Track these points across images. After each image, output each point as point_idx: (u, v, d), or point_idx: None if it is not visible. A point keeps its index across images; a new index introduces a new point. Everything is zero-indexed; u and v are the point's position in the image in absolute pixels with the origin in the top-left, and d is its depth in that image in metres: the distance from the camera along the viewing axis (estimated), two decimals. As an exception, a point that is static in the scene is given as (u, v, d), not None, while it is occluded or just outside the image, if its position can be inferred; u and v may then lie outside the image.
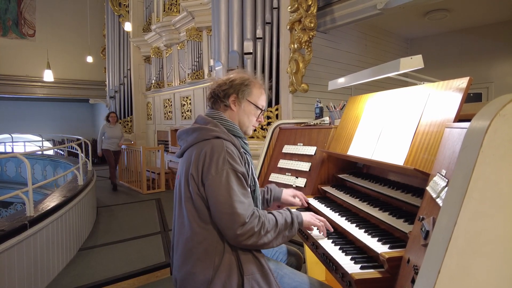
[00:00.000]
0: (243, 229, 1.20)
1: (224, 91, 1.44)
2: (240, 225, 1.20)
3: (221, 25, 4.81)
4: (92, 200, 4.95)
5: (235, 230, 1.20)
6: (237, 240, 1.22)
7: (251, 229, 1.22)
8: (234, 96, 1.44)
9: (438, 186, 0.90)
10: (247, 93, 1.46)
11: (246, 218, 1.22)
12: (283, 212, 1.39)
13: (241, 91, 1.44)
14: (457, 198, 0.58)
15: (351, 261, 1.21)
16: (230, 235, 1.22)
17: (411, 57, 1.29)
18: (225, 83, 1.45)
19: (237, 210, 1.21)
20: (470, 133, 0.63)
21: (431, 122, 1.28)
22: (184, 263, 1.28)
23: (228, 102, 1.44)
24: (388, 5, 3.90)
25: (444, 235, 0.58)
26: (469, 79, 1.17)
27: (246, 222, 1.21)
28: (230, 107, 1.45)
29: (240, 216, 1.20)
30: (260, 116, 1.54)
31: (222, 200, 1.21)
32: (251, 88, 1.47)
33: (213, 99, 1.47)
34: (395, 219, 1.30)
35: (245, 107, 1.47)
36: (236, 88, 1.44)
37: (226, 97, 1.43)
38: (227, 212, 1.20)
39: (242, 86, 1.44)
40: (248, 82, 1.46)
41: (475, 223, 0.57)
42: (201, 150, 1.27)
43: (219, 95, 1.44)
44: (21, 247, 2.57)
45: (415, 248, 0.97)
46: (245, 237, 1.21)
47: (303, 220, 1.43)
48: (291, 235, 1.37)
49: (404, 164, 1.31)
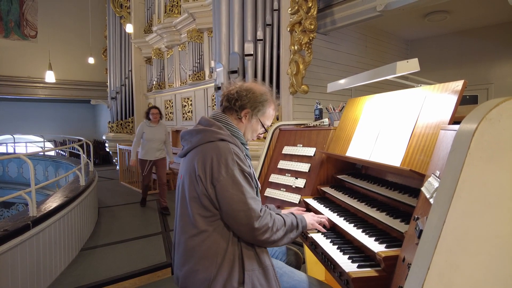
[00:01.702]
0: (259, 223, 1.26)
1: (240, 101, 1.45)
2: (256, 219, 1.26)
3: (222, 26, 4.84)
4: (94, 200, 4.99)
5: (252, 225, 1.25)
6: (253, 235, 1.27)
7: (265, 224, 1.28)
8: (247, 111, 1.47)
9: (432, 186, 0.92)
10: (261, 112, 1.50)
11: (260, 212, 1.28)
12: (289, 215, 1.45)
13: (257, 109, 1.47)
14: (446, 198, 0.61)
15: (348, 260, 1.24)
16: (247, 230, 1.27)
17: (407, 61, 1.32)
18: (245, 94, 1.45)
19: (252, 206, 1.26)
20: (458, 136, 0.66)
21: (427, 124, 1.31)
22: (186, 261, 1.31)
23: (240, 114, 1.47)
24: (388, 7, 3.92)
25: (433, 234, 0.61)
26: (463, 82, 1.20)
27: (261, 216, 1.28)
28: (241, 119, 1.48)
29: (255, 211, 1.26)
30: (261, 133, 1.58)
31: (237, 199, 1.26)
32: (266, 108, 1.50)
33: (229, 104, 1.48)
34: (392, 219, 1.33)
35: (253, 124, 1.51)
36: (252, 104, 1.46)
37: (241, 109, 1.46)
38: (243, 209, 1.25)
39: (259, 104, 1.47)
40: (265, 101, 1.49)
41: (463, 222, 0.60)
42: (206, 152, 1.30)
43: (236, 104, 1.46)
44: (24, 247, 2.60)
45: (410, 247, 1.00)
46: (261, 232, 1.27)
47: (307, 224, 1.48)
48: (295, 237, 1.42)
49: (401, 165, 1.34)
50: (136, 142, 5.13)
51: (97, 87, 12.64)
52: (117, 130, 9.73)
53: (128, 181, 7.79)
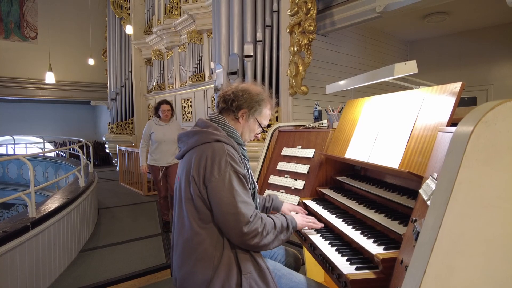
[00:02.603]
0: (248, 228, 1.24)
1: (237, 102, 1.46)
2: (244, 224, 1.24)
3: (221, 28, 4.85)
4: (93, 201, 4.99)
5: (241, 229, 1.24)
6: (242, 239, 1.26)
7: (255, 229, 1.26)
8: (244, 111, 1.48)
9: (430, 188, 0.93)
10: (258, 111, 1.51)
11: (250, 218, 1.26)
12: (279, 216, 1.44)
13: (254, 108, 1.48)
14: (442, 200, 0.61)
15: (347, 262, 1.23)
16: (235, 234, 1.26)
17: (405, 63, 1.32)
18: (241, 95, 1.46)
19: (241, 210, 1.25)
20: (455, 139, 0.66)
21: (425, 126, 1.31)
22: (184, 263, 1.31)
23: (238, 115, 1.48)
24: (387, 8, 3.93)
25: (430, 236, 0.62)
26: (461, 84, 1.20)
27: (250, 221, 1.26)
28: (238, 119, 1.49)
29: (244, 216, 1.24)
30: (259, 133, 1.59)
31: (226, 201, 1.25)
32: (263, 108, 1.52)
33: (225, 105, 1.48)
34: (390, 221, 1.33)
35: (250, 123, 1.52)
36: (249, 104, 1.47)
37: (238, 109, 1.47)
38: (232, 213, 1.24)
39: (256, 104, 1.48)
40: (262, 101, 1.50)
41: (459, 224, 0.60)
42: (202, 153, 1.31)
43: (233, 105, 1.46)
44: (23, 248, 2.60)
45: (408, 249, 1.00)
46: (250, 237, 1.25)
47: (297, 225, 1.48)
48: (286, 239, 1.42)
49: (399, 167, 1.34)
50: (143, 144, 4.25)
51: (97, 88, 12.65)
52: (117, 131, 9.73)
53: (128, 182, 7.79)
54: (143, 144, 4.27)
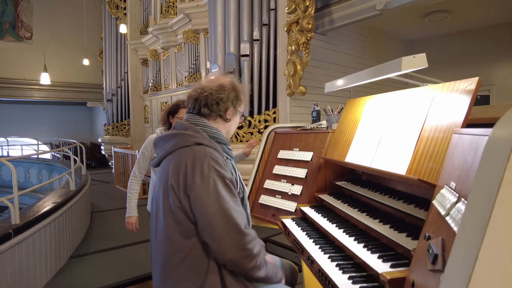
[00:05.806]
0: (242, 240, 1.10)
1: (222, 103, 1.32)
2: (236, 232, 1.10)
3: (217, 27, 4.72)
4: (86, 205, 4.83)
5: (234, 242, 1.09)
6: (234, 256, 1.10)
7: (250, 243, 1.12)
8: (230, 110, 1.36)
9: (447, 201, 0.79)
10: (239, 102, 1.39)
11: (241, 226, 1.12)
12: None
13: (235, 103, 1.37)
14: (478, 225, 0.47)
15: (348, 281, 1.10)
16: (226, 250, 1.10)
17: (413, 56, 1.18)
18: (223, 94, 1.32)
19: (232, 219, 1.11)
20: (492, 143, 0.51)
21: (436, 127, 1.18)
22: (165, 282, 1.17)
23: (225, 116, 1.35)
24: (388, 5, 3.81)
25: (462, 272, 0.47)
26: (478, 80, 1.07)
27: (243, 232, 1.11)
28: (226, 119, 1.36)
29: (234, 226, 1.10)
30: (241, 122, 1.50)
31: (212, 210, 1.09)
32: (240, 95, 1.40)
33: (209, 111, 1.32)
34: (397, 233, 1.20)
35: (235, 118, 1.42)
36: (232, 100, 1.35)
37: (223, 110, 1.33)
38: (218, 224, 1.09)
39: (235, 98, 1.37)
40: (237, 90, 1.37)
41: (501, 258, 0.46)
42: (181, 157, 1.16)
43: (219, 108, 1.32)
44: (4, 258, 2.45)
45: (420, 270, 0.86)
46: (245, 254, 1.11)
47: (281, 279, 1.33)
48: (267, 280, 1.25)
49: (407, 173, 1.21)
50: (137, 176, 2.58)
51: (94, 89, 12.50)
52: (113, 132, 9.58)
53: (123, 184, 7.63)
54: (135, 177, 2.55)
